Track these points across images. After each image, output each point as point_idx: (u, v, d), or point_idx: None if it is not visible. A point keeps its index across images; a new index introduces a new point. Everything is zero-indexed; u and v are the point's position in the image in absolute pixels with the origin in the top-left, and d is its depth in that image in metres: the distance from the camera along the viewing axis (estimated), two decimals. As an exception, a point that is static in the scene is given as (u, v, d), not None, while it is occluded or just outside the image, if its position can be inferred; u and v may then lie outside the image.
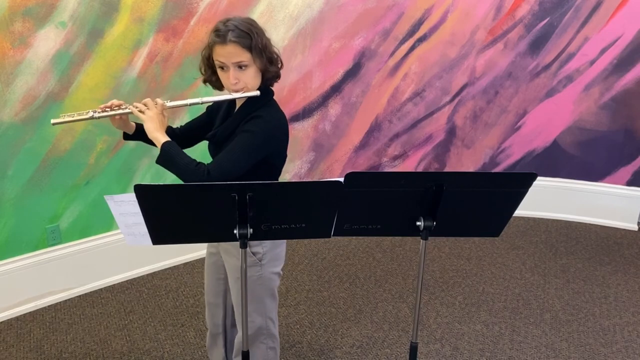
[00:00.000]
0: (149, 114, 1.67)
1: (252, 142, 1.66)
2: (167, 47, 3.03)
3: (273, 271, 1.89)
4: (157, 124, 1.66)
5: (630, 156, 3.97)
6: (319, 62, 3.70)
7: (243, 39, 1.63)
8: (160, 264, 3.33)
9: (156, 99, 1.70)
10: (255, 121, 1.68)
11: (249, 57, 1.64)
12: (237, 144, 1.66)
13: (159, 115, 1.68)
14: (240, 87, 1.68)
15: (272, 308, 1.95)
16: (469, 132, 4.12)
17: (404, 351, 2.59)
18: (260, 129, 1.67)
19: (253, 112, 1.70)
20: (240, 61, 1.64)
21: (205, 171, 1.61)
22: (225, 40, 1.62)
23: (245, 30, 1.64)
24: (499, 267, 3.42)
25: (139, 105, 1.69)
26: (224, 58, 1.65)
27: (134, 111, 1.69)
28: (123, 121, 1.80)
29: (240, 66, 1.65)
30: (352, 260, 3.50)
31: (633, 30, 3.71)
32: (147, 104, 1.68)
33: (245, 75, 1.67)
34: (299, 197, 1.52)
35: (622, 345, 2.67)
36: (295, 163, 3.84)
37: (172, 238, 1.63)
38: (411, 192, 1.55)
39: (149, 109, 1.67)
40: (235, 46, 1.62)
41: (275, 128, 1.73)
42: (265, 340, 1.96)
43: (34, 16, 2.60)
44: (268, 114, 1.71)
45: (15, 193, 2.75)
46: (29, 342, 2.64)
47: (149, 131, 1.67)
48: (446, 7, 3.80)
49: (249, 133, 1.66)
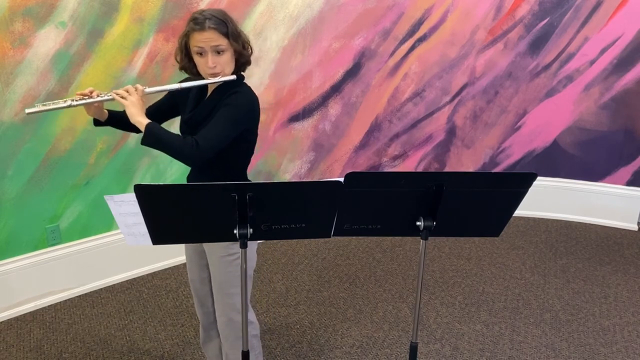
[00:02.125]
0: (131, 99, 1.73)
1: (235, 114, 1.75)
2: (167, 47, 3.03)
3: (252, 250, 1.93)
4: (138, 108, 1.73)
5: (630, 156, 3.97)
6: (319, 62, 3.70)
7: (220, 26, 1.73)
8: (160, 264, 3.33)
9: (136, 85, 1.77)
10: (235, 96, 1.77)
11: (226, 42, 1.75)
12: (221, 117, 1.74)
13: (140, 100, 1.75)
14: (217, 71, 1.77)
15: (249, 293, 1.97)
16: (469, 132, 4.12)
17: (404, 351, 2.59)
18: (242, 102, 1.77)
19: (230, 90, 1.79)
20: (218, 45, 1.74)
21: (194, 141, 1.67)
22: (204, 27, 1.72)
23: (221, 19, 1.75)
24: (499, 267, 3.42)
25: (120, 92, 1.75)
26: (202, 43, 1.74)
27: (117, 97, 1.74)
28: (98, 109, 1.86)
29: (217, 51, 1.75)
30: (352, 260, 3.50)
31: (633, 30, 3.71)
32: (129, 90, 1.75)
33: (221, 59, 1.76)
34: (299, 197, 1.52)
35: (622, 345, 2.67)
36: (295, 163, 3.84)
37: (172, 238, 1.63)
38: (411, 192, 1.55)
39: (130, 95, 1.74)
40: (213, 32, 1.72)
41: (253, 104, 1.82)
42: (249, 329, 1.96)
43: (34, 16, 2.60)
44: (246, 91, 1.82)
45: (15, 193, 2.75)
46: (29, 342, 2.64)
47: (132, 115, 1.72)
48: (446, 7, 3.80)
49: (230, 106, 1.75)
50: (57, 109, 1.76)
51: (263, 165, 3.64)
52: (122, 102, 1.73)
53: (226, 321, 1.96)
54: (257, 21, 3.34)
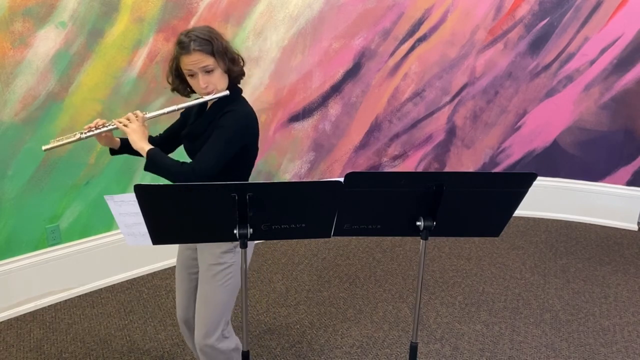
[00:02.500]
0: (132, 127, 1.79)
1: (228, 135, 1.77)
2: (167, 47, 3.03)
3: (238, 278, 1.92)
4: (140, 135, 1.79)
5: (630, 156, 3.97)
6: (319, 62, 3.70)
7: (205, 46, 1.75)
8: (160, 264, 3.33)
9: (136, 112, 1.83)
10: (227, 115, 1.79)
11: (213, 60, 1.77)
12: (215, 139, 1.77)
13: (141, 126, 1.80)
14: (210, 90, 1.80)
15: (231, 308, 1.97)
16: (469, 132, 4.12)
17: (404, 351, 2.59)
18: (234, 122, 1.79)
19: (224, 108, 1.82)
20: (205, 65, 1.76)
21: (190, 168, 1.72)
22: (189, 50, 1.75)
23: (205, 38, 1.76)
24: (499, 267, 3.42)
25: (122, 120, 1.82)
26: (191, 66, 1.77)
27: (119, 126, 1.81)
28: (108, 138, 1.93)
29: (207, 71, 1.78)
30: (352, 260, 3.50)
31: (633, 30, 3.71)
32: (129, 117, 1.81)
33: (212, 77, 1.79)
34: (299, 197, 1.52)
35: (622, 345, 2.67)
36: (295, 163, 3.84)
37: (172, 238, 1.64)
38: (411, 192, 1.55)
39: (132, 122, 1.80)
40: (199, 54, 1.75)
41: (248, 120, 1.83)
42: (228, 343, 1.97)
43: (34, 16, 2.60)
44: (239, 109, 1.83)
45: (15, 193, 2.75)
46: (29, 342, 2.64)
47: (134, 142, 1.79)
48: (446, 7, 3.80)
49: (224, 128, 1.77)
50: (70, 143, 1.84)
51: (263, 165, 3.64)
52: (123, 129, 1.80)
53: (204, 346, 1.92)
54: (257, 21, 3.34)
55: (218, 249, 1.87)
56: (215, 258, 1.87)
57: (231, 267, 1.88)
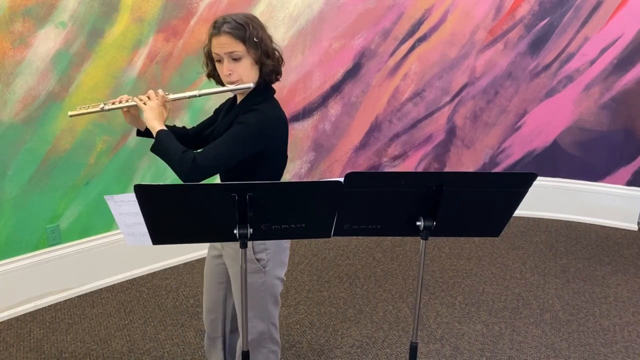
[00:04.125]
0: (150, 104, 1.71)
1: (242, 134, 1.65)
2: (167, 47, 3.03)
3: (276, 277, 1.90)
4: (156, 113, 1.70)
5: (630, 156, 3.97)
6: (319, 62, 3.70)
7: (237, 30, 1.64)
8: (160, 264, 3.33)
9: (159, 90, 1.74)
10: (250, 114, 1.68)
11: (243, 48, 1.65)
12: (229, 134, 1.66)
13: (159, 106, 1.72)
14: (234, 79, 1.69)
15: (275, 314, 1.95)
16: (469, 132, 4.12)
17: (404, 351, 2.59)
18: (254, 122, 1.66)
19: (252, 106, 1.70)
20: (233, 51, 1.65)
21: (191, 158, 1.61)
22: (219, 32, 1.65)
23: (240, 23, 1.65)
24: (499, 267, 3.42)
25: (142, 97, 1.74)
26: (218, 49, 1.67)
27: (137, 102, 1.74)
28: (134, 117, 1.83)
29: (234, 58, 1.66)
30: (352, 260, 3.50)
31: (633, 30, 3.71)
32: (150, 95, 1.73)
33: (239, 67, 1.67)
34: (299, 197, 1.52)
35: (622, 345, 2.67)
36: (295, 163, 3.84)
37: (172, 238, 1.63)
38: (411, 192, 1.55)
39: (150, 100, 1.72)
40: (228, 37, 1.64)
41: (270, 124, 1.70)
42: (267, 345, 1.96)
43: (34, 16, 2.60)
44: (265, 109, 1.70)
45: (15, 193, 2.75)
46: (29, 342, 2.64)
47: (147, 119, 1.70)
48: (446, 7, 3.80)
49: (241, 125, 1.66)
50: (94, 112, 1.81)
51: (263, 165, 3.64)
52: (140, 105, 1.72)
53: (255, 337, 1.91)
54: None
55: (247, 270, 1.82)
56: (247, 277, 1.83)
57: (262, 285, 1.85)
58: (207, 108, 3.09)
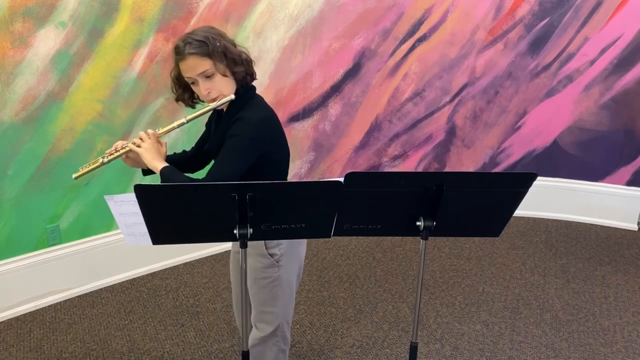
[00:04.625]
0: (145, 146, 1.73)
1: (240, 147, 1.67)
2: (167, 47, 3.03)
3: (292, 274, 1.90)
4: (153, 153, 1.72)
5: (630, 156, 3.97)
6: (319, 62, 3.70)
7: (199, 48, 1.64)
8: (160, 264, 3.33)
9: (148, 130, 1.75)
10: (238, 124, 1.68)
11: (211, 63, 1.65)
12: (226, 151, 1.68)
13: (154, 145, 1.74)
14: (214, 96, 1.70)
15: (290, 311, 1.96)
16: (469, 132, 4.12)
17: (404, 351, 2.59)
18: (244, 132, 1.67)
19: (236, 115, 1.71)
20: (204, 71, 1.66)
21: None
22: (184, 55, 1.65)
23: (200, 39, 1.64)
24: (499, 267, 3.42)
25: (136, 141, 1.75)
26: (189, 72, 1.67)
27: (132, 147, 1.74)
28: (134, 160, 1.84)
29: (207, 76, 1.67)
30: (352, 260, 3.50)
31: (633, 30, 3.71)
32: (142, 137, 1.74)
33: (215, 82, 1.68)
34: (299, 197, 1.52)
35: (622, 345, 2.67)
36: (295, 163, 3.84)
37: (172, 238, 1.63)
38: (411, 192, 1.55)
39: (144, 142, 1.73)
40: (194, 58, 1.64)
41: (260, 127, 1.70)
42: (278, 343, 1.97)
43: (34, 16, 2.60)
44: (250, 114, 1.71)
45: (15, 193, 2.75)
46: (29, 342, 2.64)
47: (147, 162, 1.72)
48: (446, 7, 3.80)
49: (234, 137, 1.68)
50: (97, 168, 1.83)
51: (263, 165, 3.64)
52: (135, 149, 1.73)
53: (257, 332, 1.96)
54: (257, 21, 3.34)
55: (260, 264, 1.84)
56: (260, 272, 1.84)
57: (276, 280, 1.86)
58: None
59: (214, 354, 2.55)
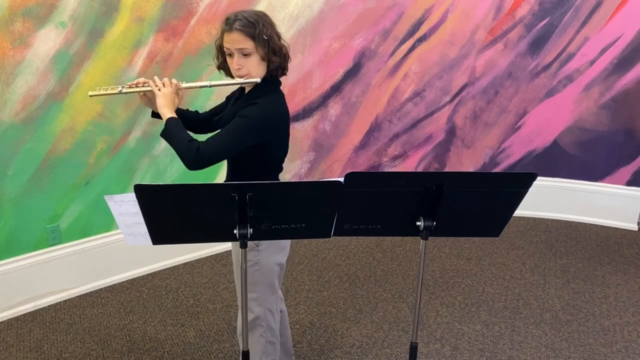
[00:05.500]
0: (163, 91, 1.79)
1: (243, 126, 1.73)
2: (167, 47, 3.03)
3: (272, 260, 1.92)
4: (168, 101, 1.78)
5: (630, 156, 3.97)
6: (319, 62, 3.70)
7: (247, 28, 1.72)
8: (160, 264, 3.33)
9: (172, 79, 1.82)
10: (250, 107, 1.76)
11: (252, 45, 1.74)
12: (230, 126, 1.74)
13: (172, 94, 1.80)
14: (243, 73, 1.77)
15: (271, 299, 1.97)
16: (469, 132, 4.12)
17: (404, 351, 2.59)
18: (254, 115, 1.74)
19: (254, 99, 1.78)
20: (243, 48, 1.74)
21: (196, 147, 1.69)
22: (231, 28, 1.73)
23: (251, 21, 1.74)
24: (499, 267, 3.42)
25: (158, 83, 1.81)
26: (229, 44, 1.75)
27: (152, 87, 1.81)
28: (149, 99, 1.90)
29: (244, 53, 1.75)
30: (352, 260, 3.50)
31: (633, 30, 3.71)
32: (165, 82, 1.81)
33: (248, 62, 1.76)
34: (299, 197, 1.52)
35: (622, 345, 2.67)
36: (295, 163, 3.84)
37: (172, 238, 1.63)
38: (411, 192, 1.55)
39: (165, 87, 1.80)
40: (239, 34, 1.72)
41: (270, 116, 1.78)
42: (265, 334, 1.97)
43: (34, 16, 2.60)
44: (266, 102, 1.78)
45: (15, 193, 2.75)
46: (29, 342, 2.64)
47: (159, 106, 1.78)
48: (446, 7, 3.80)
49: (242, 117, 1.74)
50: (112, 94, 1.88)
51: (263, 165, 3.64)
52: (155, 90, 1.80)
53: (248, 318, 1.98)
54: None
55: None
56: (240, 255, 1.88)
57: (256, 265, 1.88)
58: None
59: (214, 354, 2.55)
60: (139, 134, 3.07)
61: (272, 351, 2.01)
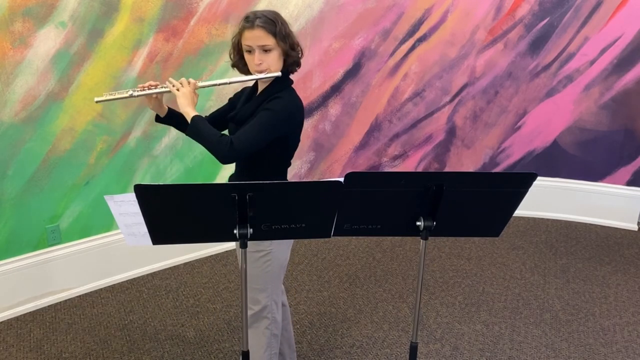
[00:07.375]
0: (183, 91, 1.81)
1: (272, 119, 1.79)
2: (167, 47, 3.04)
3: (284, 253, 1.98)
4: (189, 100, 1.81)
5: (630, 156, 3.97)
6: (319, 62, 3.70)
7: (269, 25, 1.79)
8: (160, 264, 3.33)
9: (189, 79, 1.84)
10: (276, 101, 1.82)
11: (274, 41, 1.80)
12: (258, 119, 1.78)
13: (191, 92, 1.82)
14: (263, 68, 1.83)
15: (277, 292, 2.01)
16: (469, 132, 4.12)
17: (404, 351, 2.59)
18: (281, 108, 1.81)
19: (275, 94, 1.84)
20: (265, 44, 1.80)
21: (229, 141, 1.72)
22: (253, 25, 1.79)
23: (271, 18, 1.81)
24: (499, 267, 3.42)
25: (175, 84, 1.83)
26: (251, 41, 1.81)
27: (170, 88, 1.83)
28: (158, 102, 1.93)
29: (265, 50, 1.81)
30: (352, 260, 3.50)
31: (633, 30, 3.71)
32: (182, 82, 1.83)
33: (268, 57, 1.82)
34: (299, 197, 1.52)
35: (622, 345, 2.67)
36: (295, 163, 3.85)
37: (172, 238, 1.63)
38: (411, 192, 1.55)
39: (183, 87, 1.82)
40: (261, 30, 1.79)
41: (294, 108, 1.86)
42: (270, 326, 2.00)
43: (34, 16, 2.60)
44: (288, 95, 1.86)
45: (15, 193, 2.75)
46: (29, 342, 2.64)
47: (182, 106, 1.80)
48: (446, 7, 3.80)
49: (270, 111, 1.79)
50: (121, 99, 1.87)
51: (263, 165, 3.64)
52: (174, 91, 1.81)
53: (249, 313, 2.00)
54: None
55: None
56: (254, 245, 1.89)
57: (268, 255, 1.91)
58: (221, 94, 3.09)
59: (214, 354, 2.55)
60: (139, 134, 3.07)
61: (274, 345, 2.03)
